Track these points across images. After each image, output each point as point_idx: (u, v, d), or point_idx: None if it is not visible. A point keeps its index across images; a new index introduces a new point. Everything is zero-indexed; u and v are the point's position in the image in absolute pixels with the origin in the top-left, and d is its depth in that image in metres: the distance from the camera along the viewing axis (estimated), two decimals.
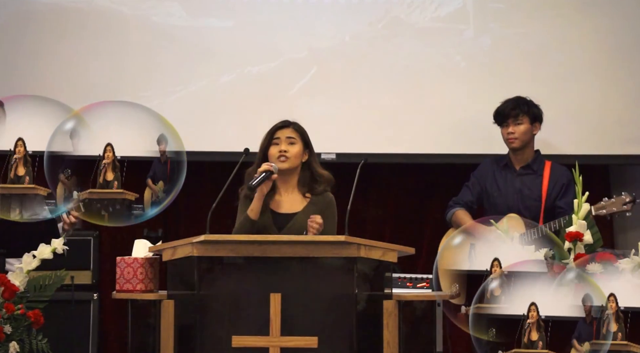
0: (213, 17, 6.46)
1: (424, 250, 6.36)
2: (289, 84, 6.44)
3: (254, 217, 4.78)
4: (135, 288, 4.54)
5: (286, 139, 4.87)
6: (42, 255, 4.33)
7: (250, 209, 4.79)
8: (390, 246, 4.50)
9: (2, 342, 4.15)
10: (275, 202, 4.86)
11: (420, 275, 5.03)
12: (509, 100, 5.65)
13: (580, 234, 4.30)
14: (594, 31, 6.39)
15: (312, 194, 4.87)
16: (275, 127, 4.91)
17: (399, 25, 6.43)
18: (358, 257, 4.38)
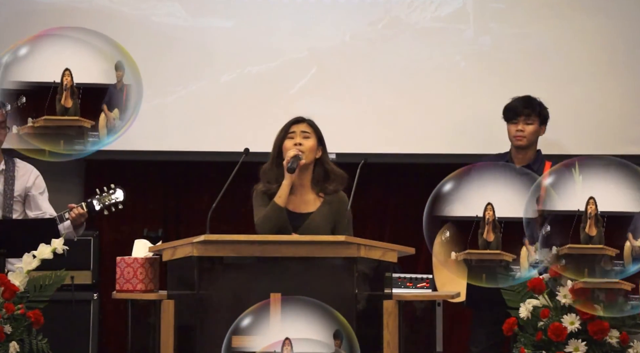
0: (213, 17, 6.46)
1: (424, 250, 6.35)
2: (289, 84, 6.44)
3: (282, 203, 4.77)
4: (135, 288, 4.54)
5: (301, 133, 4.89)
6: (42, 255, 4.33)
7: (278, 196, 4.79)
8: (390, 246, 4.51)
9: (2, 342, 4.15)
10: (289, 200, 4.86)
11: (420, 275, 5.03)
12: (521, 98, 5.60)
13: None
14: (594, 31, 6.39)
15: (325, 193, 4.88)
16: (290, 122, 4.93)
17: (399, 25, 6.43)
18: (358, 257, 4.38)
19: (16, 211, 5.27)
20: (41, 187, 5.36)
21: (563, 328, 4.02)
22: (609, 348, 4.06)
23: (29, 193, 5.31)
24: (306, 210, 4.85)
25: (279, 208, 4.78)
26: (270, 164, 4.91)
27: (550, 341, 4.06)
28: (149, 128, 6.40)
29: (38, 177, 5.37)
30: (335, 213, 4.82)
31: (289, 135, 4.90)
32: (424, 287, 4.90)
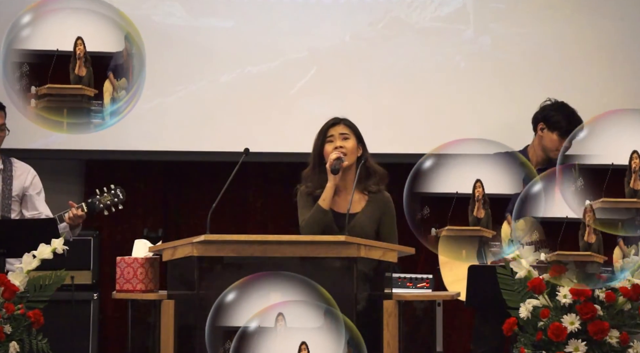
0: (213, 17, 6.46)
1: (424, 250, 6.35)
2: (289, 84, 6.44)
3: (326, 206, 4.79)
4: (135, 288, 4.54)
5: (340, 135, 4.89)
6: (42, 255, 4.33)
7: (322, 198, 4.80)
8: (390, 246, 4.51)
9: (2, 342, 4.14)
10: (334, 202, 4.86)
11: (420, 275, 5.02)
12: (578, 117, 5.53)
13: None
14: (594, 31, 6.39)
15: (369, 192, 4.88)
16: (327, 125, 4.92)
17: (399, 25, 6.43)
18: (358, 257, 4.38)
19: (14, 211, 5.27)
20: (38, 187, 5.36)
21: (563, 328, 4.02)
22: (609, 348, 4.06)
23: (26, 193, 5.31)
24: (351, 211, 4.85)
25: (323, 211, 4.79)
26: (311, 169, 4.93)
27: (550, 341, 4.06)
28: (149, 128, 6.41)
29: (35, 177, 5.37)
30: (380, 212, 4.83)
31: (327, 139, 4.90)
32: (424, 287, 4.89)
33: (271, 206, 6.63)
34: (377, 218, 4.87)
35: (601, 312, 4.04)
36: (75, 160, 6.66)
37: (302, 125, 6.32)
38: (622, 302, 4.06)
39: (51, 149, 6.41)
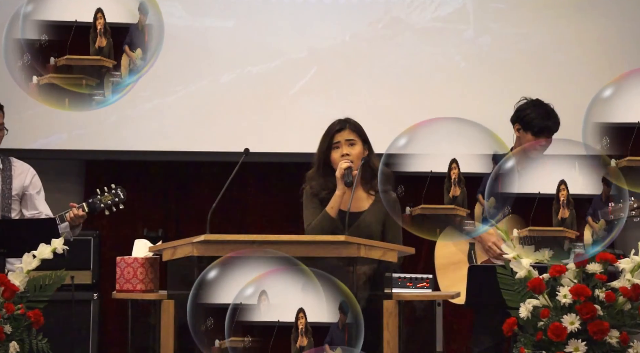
0: (213, 17, 6.47)
1: (424, 250, 6.36)
2: (289, 84, 6.44)
3: (333, 214, 4.78)
4: (135, 288, 4.54)
5: (346, 142, 4.87)
6: (42, 255, 4.33)
7: (330, 207, 4.80)
8: (390, 246, 4.51)
9: (2, 342, 4.14)
10: (344, 201, 4.86)
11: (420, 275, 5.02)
12: (555, 118, 5.51)
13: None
14: (593, 31, 6.39)
15: (376, 192, 4.88)
16: (333, 131, 4.89)
17: (399, 25, 6.43)
18: (358, 257, 4.38)
19: (14, 210, 5.27)
20: (37, 186, 5.35)
21: (563, 328, 4.02)
22: (609, 348, 4.06)
23: (26, 192, 5.30)
24: (357, 210, 4.85)
25: (330, 220, 4.79)
26: (315, 170, 4.91)
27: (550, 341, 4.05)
28: (149, 128, 6.41)
29: (35, 176, 5.37)
30: (386, 213, 4.83)
31: (334, 145, 4.88)
32: (424, 287, 4.90)
33: (271, 206, 6.63)
34: (383, 218, 4.87)
35: (601, 312, 4.04)
36: (75, 160, 6.66)
37: (302, 125, 6.33)
38: (622, 302, 4.06)
39: (51, 149, 6.42)
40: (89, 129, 6.41)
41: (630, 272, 4.10)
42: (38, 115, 6.35)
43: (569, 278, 4.09)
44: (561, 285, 4.10)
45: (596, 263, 4.10)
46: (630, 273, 4.09)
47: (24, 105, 6.23)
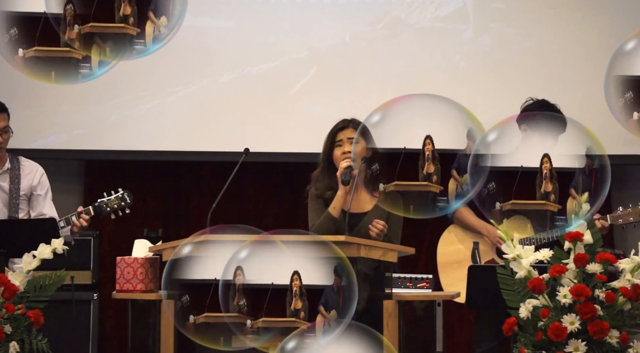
0: (213, 17, 6.46)
1: (424, 250, 6.36)
2: (289, 84, 6.44)
3: (336, 214, 4.80)
4: (135, 288, 4.55)
5: (348, 140, 4.88)
6: (42, 255, 4.33)
7: (332, 207, 4.81)
8: (390, 246, 4.51)
9: (2, 342, 4.14)
10: (345, 201, 4.86)
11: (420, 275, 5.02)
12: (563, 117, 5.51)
13: (580, 234, 4.30)
14: (593, 31, 6.39)
15: (379, 192, 4.88)
16: (336, 129, 4.91)
17: (399, 25, 6.43)
18: (358, 257, 4.38)
19: (22, 210, 5.27)
20: (45, 186, 5.35)
21: (563, 328, 4.02)
22: (609, 348, 4.06)
23: (34, 192, 5.30)
24: (361, 210, 4.86)
25: (333, 220, 4.80)
26: (320, 171, 4.93)
27: (550, 341, 4.05)
28: (149, 128, 6.41)
29: (43, 176, 5.36)
30: (388, 212, 4.83)
31: (336, 143, 4.89)
32: (424, 287, 4.90)
33: (271, 206, 6.63)
34: (386, 218, 4.87)
35: (601, 312, 4.04)
36: (75, 160, 6.66)
37: (302, 125, 6.33)
38: (622, 302, 4.06)
39: (51, 149, 6.42)
40: (89, 129, 6.41)
41: (630, 272, 4.10)
42: (38, 115, 6.36)
43: (569, 278, 4.09)
44: (561, 285, 4.10)
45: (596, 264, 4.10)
46: (630, 273, 4.09)
47: (24, 105, 6.25)
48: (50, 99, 6.38)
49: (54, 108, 6.40)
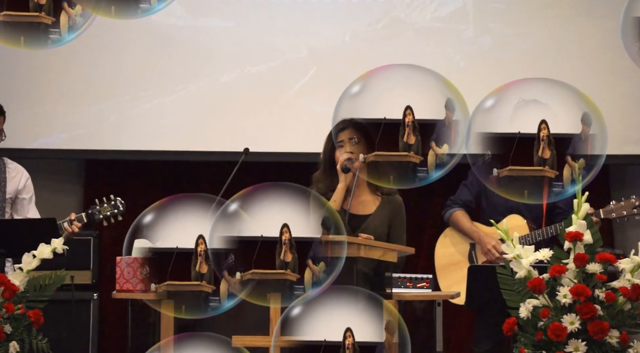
0: (213, 17, 6.47)
1: (424, 250, 6.36)
2: (289, 84, 6.44)
3: (337, 207, 4.76)
4: (135, 288, 4.54)
5: (349, 140, 4.87)
6: (42, 255, 4.33)
7: (333, 199, 4.78)
8: (390, 246, 4.51)
9: (2, 342, 4.14)
10: (348, 203, 4.86)
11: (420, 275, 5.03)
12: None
13: (580, 234, 4.30)
14: (593, 31, 6.39)
15: (382, 193, 4.87)
16: (337, 130, 4.89)
17: (399, 25, 6.43)
18: (358, 257, 4.38)
19: (6, 213, 5.26)
20: (30, 191, 5.33)
21: (563, 328, 4.02)
22: (609, 348, 4.06)
23: (19, 195, 5.29)
24: (364, 212, 4.85)
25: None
26: (321, 172, 4.91)
27: (550, 341, 4.05)
28: (149, 128, 6.41)
29: (28, 180, 5.34)
30: (391, 215, 4.82)
31: (338, 144, 4.87)
32: (424, 287, 4.90)
33: None
34: (389, 220, 4.86)
35: (601, 312, 4.04)
36: (75, 160, 6.66)
37: (302, 125, 6.33)
38: (622, 302, 4.06)
39: (51, 149, 6.41)
40: (89, 129, 6.41)
41: (630, 272, 4.10)
42: (38, 115, 6.36)
43: (569, 278, 4.09)
44: (561, 285, 4.10)
45: (596, 264, 4.10)
46: (630, 273, 4.09)
47: (24, 105, 6.25)
48: (50, 99, 6.38)
49: (53, 108, 6.40)
